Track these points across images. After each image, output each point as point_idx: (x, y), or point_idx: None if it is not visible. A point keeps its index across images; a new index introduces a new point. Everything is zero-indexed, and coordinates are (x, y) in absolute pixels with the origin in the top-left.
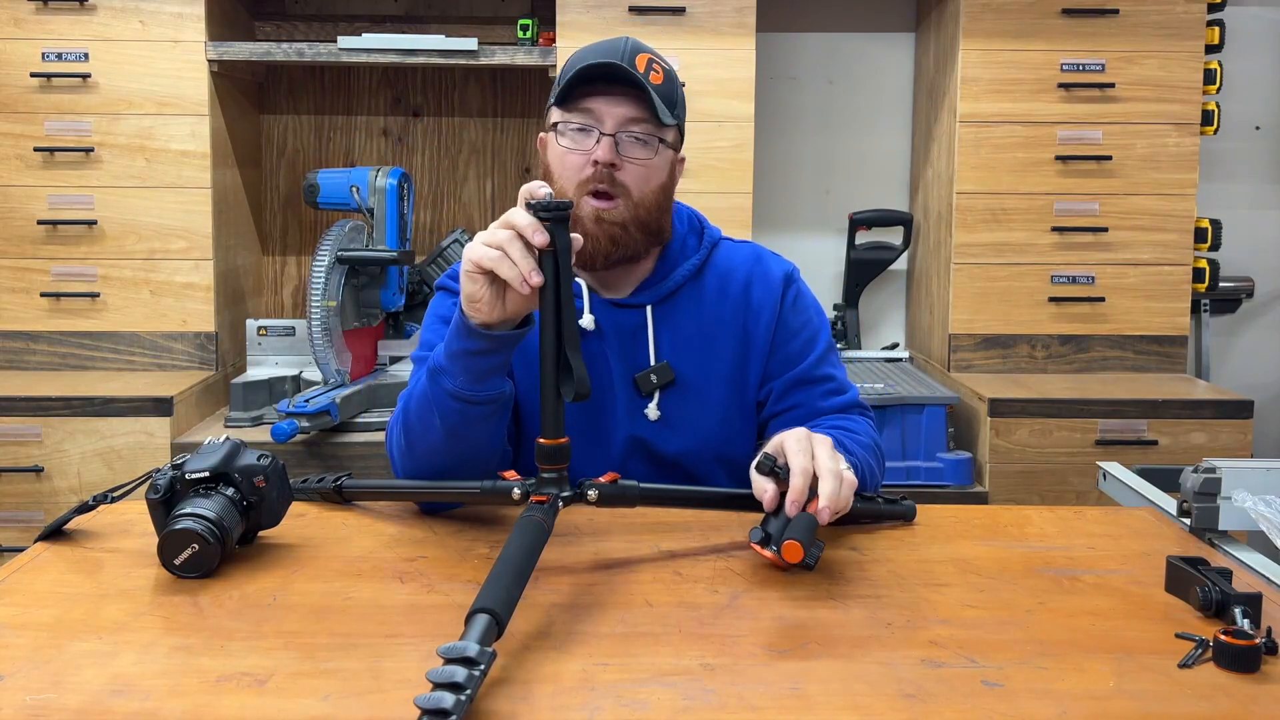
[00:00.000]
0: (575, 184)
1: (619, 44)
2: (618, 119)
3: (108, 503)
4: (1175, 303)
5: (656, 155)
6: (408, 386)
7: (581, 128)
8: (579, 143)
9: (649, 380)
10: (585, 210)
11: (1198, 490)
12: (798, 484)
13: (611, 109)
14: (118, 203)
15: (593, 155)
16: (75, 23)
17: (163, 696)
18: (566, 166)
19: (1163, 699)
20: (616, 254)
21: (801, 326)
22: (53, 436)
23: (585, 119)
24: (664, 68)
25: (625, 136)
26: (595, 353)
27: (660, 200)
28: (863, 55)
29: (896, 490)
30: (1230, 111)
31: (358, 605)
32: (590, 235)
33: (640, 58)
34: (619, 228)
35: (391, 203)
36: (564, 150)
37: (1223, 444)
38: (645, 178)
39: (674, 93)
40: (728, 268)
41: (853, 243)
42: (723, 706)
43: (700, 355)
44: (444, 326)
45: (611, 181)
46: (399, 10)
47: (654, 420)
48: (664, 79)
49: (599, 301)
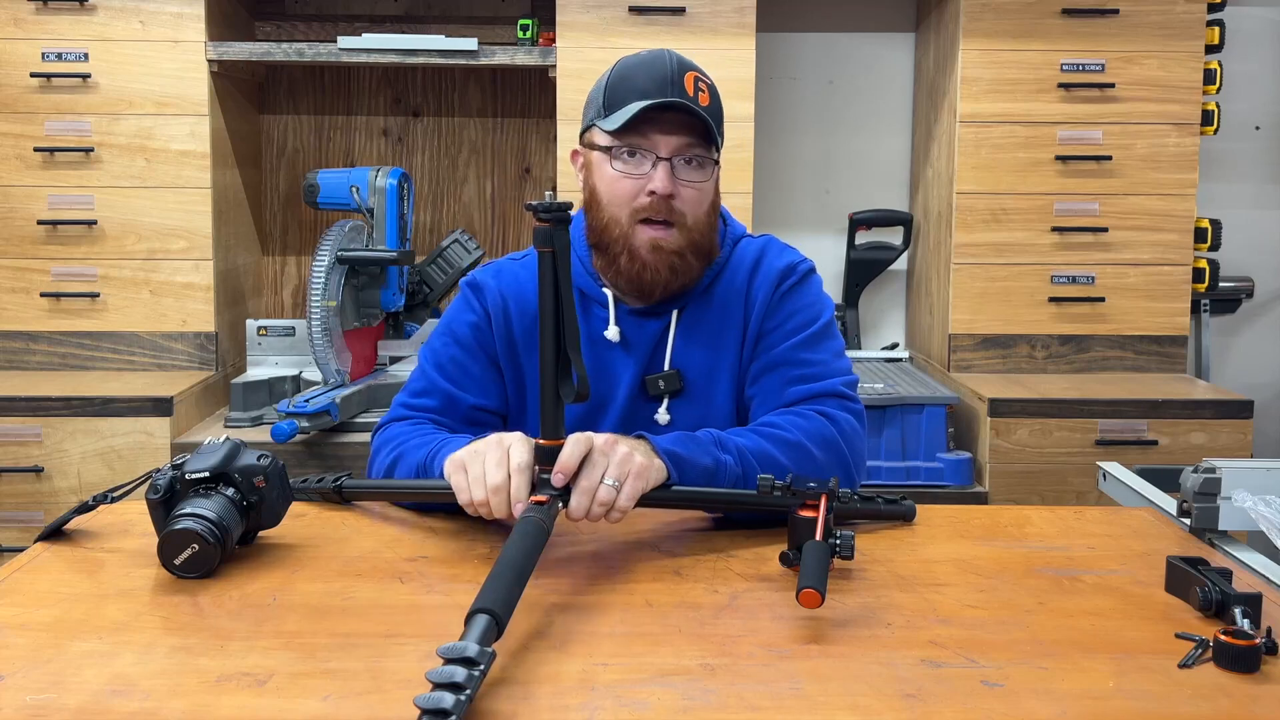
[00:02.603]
0: (628, 211)
1: (665, 65)
2: (673, 147)
3: (108, 503)
4: (1175, 303)
5: (710, 178)
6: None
7: (636, 155)
8: (633, 168)
9: (658, 385)
10: (640, 239)
11: (1198, 490)
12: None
13: (667, 138)
14: (118, 203)
15: (649, 184)
16: (75, 23)
17: (163, 696)
18: (618, 193)
19: (1163, 699)
20: (676, 283)
21: (788, 316)
22: (53, 436)
23: (640, 144)
24: (708, 84)
25: (679, 161)
26: (616, 359)
27: (711, 220)
28: (863, 55)
29: (896, 490)
30: (1230, 111)
31: (358, 605)
32: (649, 266)
33: (689, 77)
34: (677, 256)
35: (391, 203)
36: (616, 175)
37: (1223, 444)
38: (699, 201)
39: (719, 109)
40: (739, 265)
41: (853, 243)
42: (723, 706)
43: (709, 357)
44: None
45: (669, 210)
46: (399, 10)
47: (664, 425)
48: (710, 98)
49: (624, 310)
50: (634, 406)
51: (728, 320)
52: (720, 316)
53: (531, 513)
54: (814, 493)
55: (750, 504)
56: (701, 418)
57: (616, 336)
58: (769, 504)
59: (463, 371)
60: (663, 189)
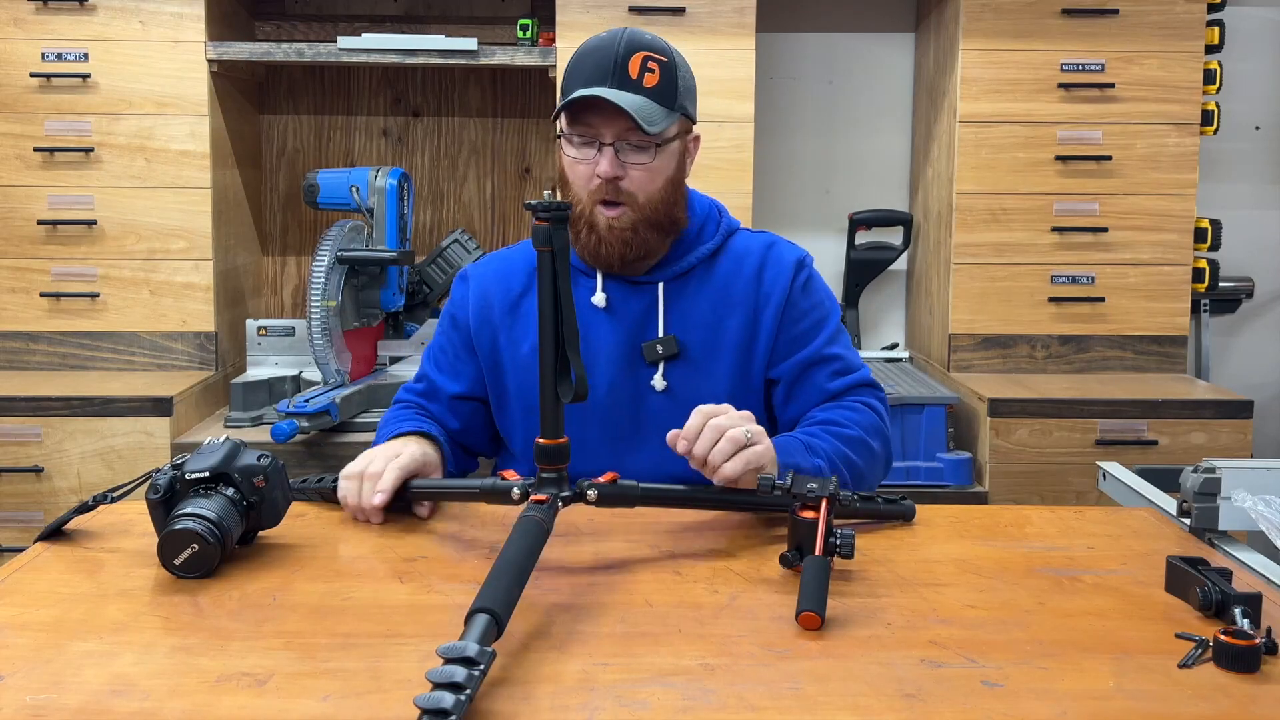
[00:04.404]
0: (586, 193)
1: (612, 50)
2: (615, 132)
3: (108, 503)
4: (1175, 303)
5: (656, 158)
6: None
7: (584, 141)
8: (583, 154)
9: (654, 350)
10: (599, 219)
11: (1198, 490)
12: (693, 423)
13: (609, 123)
14: (118, 203)
15: (596, 169)
16: (75, 23)
17: (163, 696)
18: (576, 176)
19: (1163, 699)
20: (631, 254)
21: (811, 309)
22: (53, 436)
23: (585, 131)
24: (660, 62)
25: (625, 145)
26: (606, 326)
27: (668, 195)
28: (863, 55)
29: (896, 490)
30: (1230, 111)
31: (358, 605)
32: (605, 241)
33: (635, 60)
34: (630, 231)
35: (391, 203)
36: (572, 160)
37: (1223, 444)
38: (649, 180)
39: (672, 85)
40: (742, 252)
41: (853, 243)
42: (723, 706)
43: (709, 331)
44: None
45: (616, 191)
46: (399, 10)
47: (660, 391)
48: (659, 77)
49: (612, 282)
50: (624, 371)
51: (731, 300)
52: (723, 295)
53: (532, 512)
54: (814, 495)
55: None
56: (696, 388)
57: (603, 302)
58: (769, 504)
59: (447, 360)
60: (606, 173)
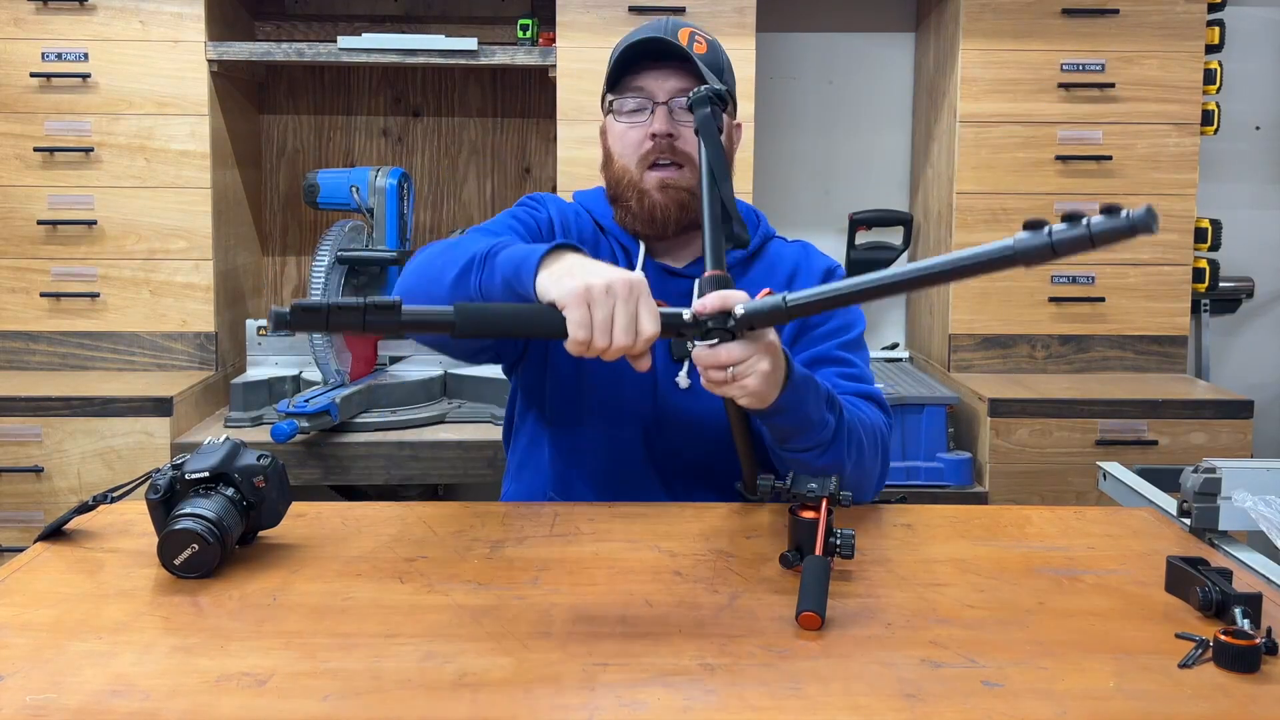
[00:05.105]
0: (636, 159)
1: (660, 22)
2: (668, 91)
3: (108, 503)
4: (1175, 303)
5: None
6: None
7: (636, 106)
8: (634, 120)
9: (682, 347)
10: (650, 182)
11: (1198, 490)
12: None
13: (662, 83)
14: (118, 203)
15: (650, 129)
16: (75, 23)
17: (163, 696)
18: (626, 144)
19: (1163, 699)
20: (685, 217)
21: (833, 314)
22: (53, 436)
23: (638, 96)
24: (707, 39)
25: (677, 105)
26: None
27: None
28: (863, 55)
29: (896, 490)
30: (1230, 111)
31: (358, 605)
32: (659, 205)
33: (683, 32)
34: (686, 193)
35: (391, 203)
36: (622, 129)
37: (1223, 444)
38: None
39: (719, 60)
40: (776, 259)
41: (853, 243)
42: (723, 706)
43: None
44: (518, 225)
45: (672, 151)
46: (399, 10)
47: (684, 389)
48: (708, 49)
49: (652, 265)
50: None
51: None
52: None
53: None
54: (814, 495)
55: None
56: None
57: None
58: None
59: (516, 234)
60: (661, 129)
